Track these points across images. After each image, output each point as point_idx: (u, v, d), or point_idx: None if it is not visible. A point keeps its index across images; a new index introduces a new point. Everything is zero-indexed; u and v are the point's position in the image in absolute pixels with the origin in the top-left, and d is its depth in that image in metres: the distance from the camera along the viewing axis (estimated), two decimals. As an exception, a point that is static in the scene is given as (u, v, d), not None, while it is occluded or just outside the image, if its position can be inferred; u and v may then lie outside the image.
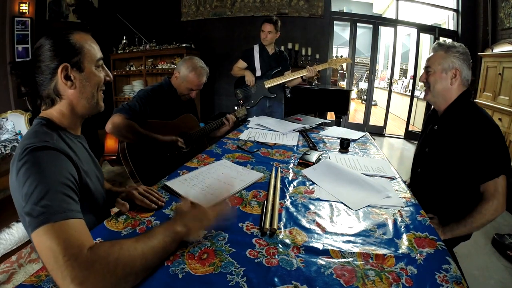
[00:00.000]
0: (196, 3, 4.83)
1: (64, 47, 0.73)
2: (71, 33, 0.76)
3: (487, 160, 1.06)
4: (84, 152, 0.85)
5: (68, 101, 0.77)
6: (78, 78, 0.76)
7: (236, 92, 2.62)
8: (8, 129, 2.65)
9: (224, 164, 1.22)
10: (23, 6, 3.44)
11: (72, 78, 0.75)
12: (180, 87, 1.68)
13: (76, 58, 0.75)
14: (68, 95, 0.76)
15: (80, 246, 0.53)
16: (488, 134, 1.08)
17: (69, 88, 0.75)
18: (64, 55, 0.73)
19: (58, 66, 0.73)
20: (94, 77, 0.79)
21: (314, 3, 4.41)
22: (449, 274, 0.63)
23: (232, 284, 0.58)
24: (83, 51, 0.76)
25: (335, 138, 1.76)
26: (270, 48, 2.57)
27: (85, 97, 0.79)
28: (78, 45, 0.75)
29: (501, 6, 3.70)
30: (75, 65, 0.75)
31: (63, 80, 0.74)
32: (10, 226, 1.65)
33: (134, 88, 4.41)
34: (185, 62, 1.67)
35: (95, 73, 0.80)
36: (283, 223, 0.81)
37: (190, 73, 1.64)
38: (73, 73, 0.75)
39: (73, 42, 0.75)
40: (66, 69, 0.73)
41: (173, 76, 1.70)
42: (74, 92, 0.77)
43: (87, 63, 0.77)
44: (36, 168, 0.61)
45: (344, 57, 2.49)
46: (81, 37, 0.77)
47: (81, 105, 0.79)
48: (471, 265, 1.81)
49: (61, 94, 0.76)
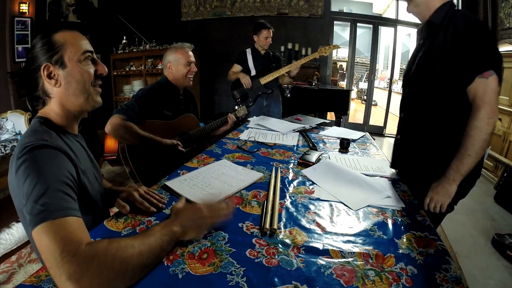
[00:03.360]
0: (196, 3, 4.83)
1: (45, 47, 0.75)
2: (55, 32, 0.77)
3: (474, 54, 0.95)
4: (82, 151, 0.85)
5: (58, 99, 0.78)
6: (61, 75, 0.76)
7: (233, 93, 2.66)
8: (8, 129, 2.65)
9: (224, 164, 1.22)
10: (23, 6, 3.45)
11: (56, 76, 0.76)
12: (178, 71, 1.68)
13: (57, 55, 0.75)
14: (55, 93, 0.77)
15: (77, 243, 0.54)
16: (474, 29, 0.96)
17: (54, 86, 0.76)
18: (46, 55, 0.74)
19: (39, 66, 0.74)
20: (77, 73, 0.78)
21: (314, 3, 4.41)
22: (449, 274, 0.63)
23: (232, 284, 0.58)
24: (64, 47, 0.76)
25: (335, 138, 1.76)
26: (262, 50, 2.68)
27: (72, 93, 0.78)
28: (58, 43, 0.75)
29: (501, 6, 3.70)
30: (57, 63, 0.75)
31: (47, 80, 0.75)
32: (10, 226, 1.65)
33: (134, 88, 4.41)
34: (167, 51, 1.72)
35: (80, 67, 0.78)
36: (283, 223, 0.81)
37: (176, 53, 1.69)
38: (55, 71, 0.75)
39: (54, 40, 0.75)
40: (47, 68, 0.74)
41: (167, 72, 1.70)
42: (60, 89, 0.77)
43: (68, 58, 0.76)
44: (35, 167, 0.61)
45: (332, 45, 2.51)
46: (63, 35, 0.77)
47: (70, 102, 0.79)
48: (471, 265, 1.81)
49: (49, 93, 0.77)
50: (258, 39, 2.60)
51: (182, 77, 1.69)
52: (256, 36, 2.61)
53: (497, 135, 3.17)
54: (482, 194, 2.83)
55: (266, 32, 2.57)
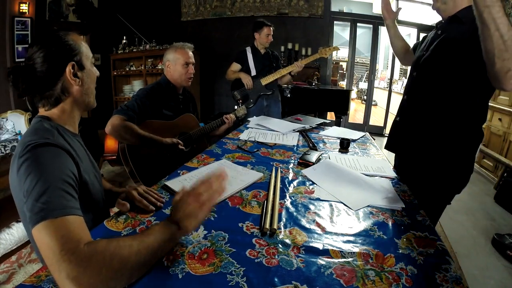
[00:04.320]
0: (196, 3, 4.83)
1: (66, 47, 0.77)
2: (67, 33, 0.79)
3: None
4: (82, 150, 0.85)
5: (73, 98, 0.81)
6: (81, 76, 0.81)
7: (234, 94, 2.64)
8: (8, 129, 2.65)
9: (224, 164, 1.22)
10: (23, 6, 3.44)
11: (79, 75, 0.80)
12: (176, 71, 1.68)
13: (77, 56, 0.79)
14: (73, 92, 0.80)
15: (77, 241, 0.54)
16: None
17: (76, 85, 0.79)
18: (67, 55, 0.77)
19: (64, 65, 0.76)
20: (92, 74, 0.86)
21: (314, 3, 4.41)
22: (449, 274, 0.63)
23: (232, 284, 0.58)
24: (81, 49, 0.80)
25: (335, 138, 1.76)
26: (262, 49, 2.67)
27: (87, 93, 0.84)
28: (76, 44, 0.79)
29: (501, 6, 3.70)
30: (78, 64, 0.79)
31: (72, 78, 0.78)
32: (10, 226, 1.65)
33: (134, 88, 4.41)
34: (167, 51, 1.72)
35: (92, 70, 0.86)
36: (283, 223, 0.81)
37: (176, 52, 1.69)
38: (77, 71, 0.79)
39: (71, 42, 0.79)
40: (73, 67, 0.78)
41: (166, 71, 1.70)
42: (79, 88, 0.81)
43: (85, 60, 0.82)
44: (37, 165, 0.62)
45: (332, 46, 2.53)
46: (76, 38, 0.81)
47: (83, 100, 0.84)
48: (471, 265, 1.81)
49: (69, 91, 0.79)
50: (260, 36, 2.58)
51: (179, 77, 1.69)
52: (258, 34, 2.59)
53: (497, 135, 3.17)
54: (482, 194, 2.83)
55: (268, 29, 2.56)
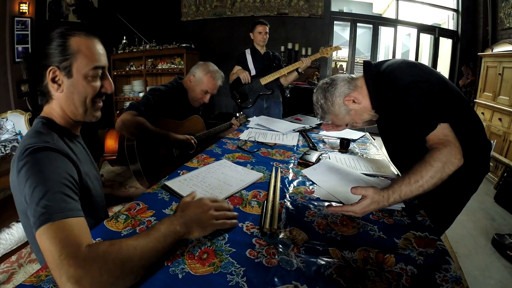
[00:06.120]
0: (196, 3, 4.83)
1: (59, 48, 0.72)
2: (73, 34, 0.73)
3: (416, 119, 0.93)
4: (83, 152, 0.85)
5: (58, 103, 0.76)
6: (65, 83, 0.74)
7: (233, 93, 2.64)
8: (8, 129, 2.65)
9: (224, 164, 1.22)
10: (23, 6, 3.44)
11: (60, 81, 0.73)
12: (195, 90, 1.70)
13: (66, 62, 0.72)
14: (57, 97, 0.76)
15: (78, 244, 0.53)
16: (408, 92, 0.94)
17: (56, 91, 0.74)
18: (56, 57, 0.72)
19: (45, 67, 0.72)
20: (81, 86, 0.74)
21: (314, 3, 4.41)
22: (449, 274, 0.63)
23: (232, 284, 0.58)
24: (75, 56, 0.72)
25: (335, 138, 1.75)
26: (261, 49, 2.67)
27: (73, 104, 0.76)
28: (72, 49, 0.72)
29: (501, 6, 3.71)
30: (65, 69, 0.72)
31: (50, 83, 0.73)
32: (10, 226, 1.65)
33: (134, 88, 4.41)
34: (200, 66, 1.72)
35: (83, 83, 0.74)
36: (283, 223, 0.81)
37: (206, 76, 1.68)
38: (61, 77, 0.73)
39: (69, 45, 0.72)
40: (53, 71, 0.72)
41: (186, 79, 1.73)
42: (62, 95, 0.75)
43: (76, 69, 0.73)
44: (36, 169, 0.61)
45: (334, 46, 2.53)
46: (80, 41, 0.73)
47: (70, 110, 0.77)
48: (471, 265, 1.81)
49: (51, 94, 0.75)
50: (254, 35, 2.61)
51: (193, 96, 1.73)
52: (252, 34, 2.62)
53: (497, 135, 3.17)
54: (482, 194, 2.83)
55: (261, 27, 2.56)
